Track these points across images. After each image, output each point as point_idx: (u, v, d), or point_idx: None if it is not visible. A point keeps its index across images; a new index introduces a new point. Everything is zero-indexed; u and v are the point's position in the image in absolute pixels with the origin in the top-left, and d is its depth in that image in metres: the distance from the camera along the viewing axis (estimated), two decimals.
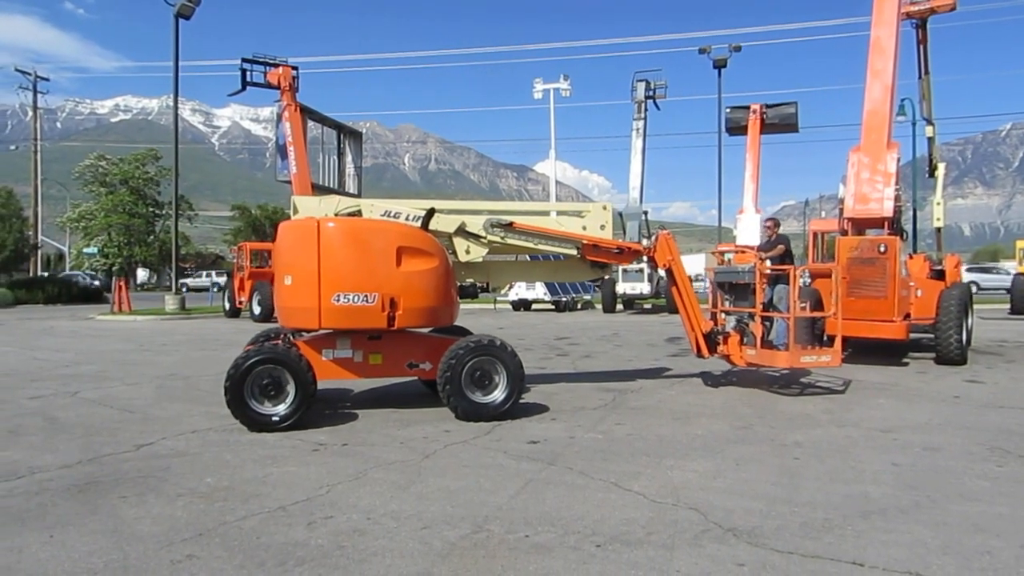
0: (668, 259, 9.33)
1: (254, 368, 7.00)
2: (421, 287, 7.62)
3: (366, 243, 7.57)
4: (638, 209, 32.18)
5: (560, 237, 8.91)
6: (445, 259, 7.99)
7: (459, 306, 8.67)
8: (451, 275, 8.16)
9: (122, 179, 51.41)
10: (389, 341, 7.82)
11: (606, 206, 9.38)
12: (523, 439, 6.56)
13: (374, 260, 7.49)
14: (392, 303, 7.45)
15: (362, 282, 7.40)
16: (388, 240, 7.61)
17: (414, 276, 7.58)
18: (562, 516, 4.46)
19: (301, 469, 5.57)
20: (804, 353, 9.00)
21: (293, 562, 3.74)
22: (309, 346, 7.71)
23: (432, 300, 7.74)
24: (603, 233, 9.10)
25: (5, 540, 4.04)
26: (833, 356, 8.95)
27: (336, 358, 7.77)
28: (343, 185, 33.55)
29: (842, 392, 9.21)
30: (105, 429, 7.00)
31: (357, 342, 7.78)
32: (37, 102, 46.97)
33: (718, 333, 9.46)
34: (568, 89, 40.34)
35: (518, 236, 8.77)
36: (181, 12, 28.47)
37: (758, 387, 9.63)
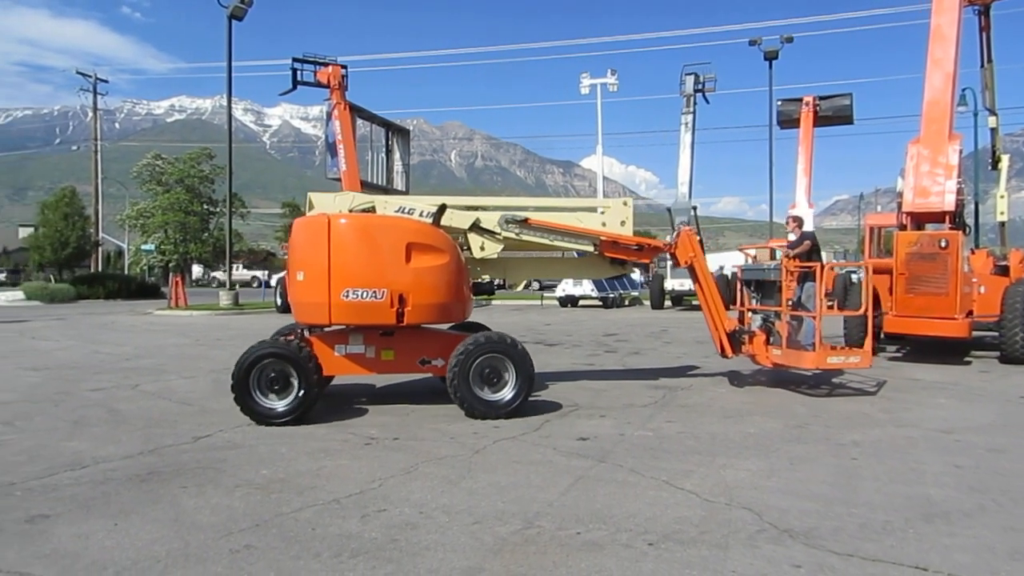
0: (690, 256, 9.05)
1: (260, 362, 7.13)
2: (431, 283, 7.58)
3: (375, 239, 7.57)
4: (687, 204, 31.89)
5: (576, 233, 8.72)
6: (456, 255, 7.93)
7: (472, 302, 8.67)
8: (463, 271, 8.09)
9: (177, 178, 52.83)
10: (402, 337, 7.81)
11: (626, 202, 9.16)
12: (572, 436, 6.54)
13: (383, 256, 7.49)
14: (401, 299, 7.43)
15: (371, 278, 7.41)
16: (398, 236, 7.58)
17: (424, 272, 7.54)
18: (613, 513, 4.43)
19: (353, 463, 5.64)
20: (832, 354, 8.70)
21: (348, 554, 3.79)
22: (322, 341, 7.78)
23: (442, 296, 7.68)
24: (623, 229, 8.87)
25: (72, 527, 4.18)
26: (863, 357, 8.64)
27: (349, 354, 7.81)
28: (391, 182, 33.86)
29: (874, 393, 8.87)
30: (164, 421, 7.20)
31: (370, 338, 7.79)
32: (97, 104, 48.47)
33: (743, 332, 9.22)
34: (615, 84, 40.06)
35: (533, 232, 8.63)
36: (234, 13, 29.06)
37: (813, 387, 9.43)
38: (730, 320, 9.14)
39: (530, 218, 8.59)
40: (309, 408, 7.16)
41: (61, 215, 55.06)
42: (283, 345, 7.30)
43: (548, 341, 15.90)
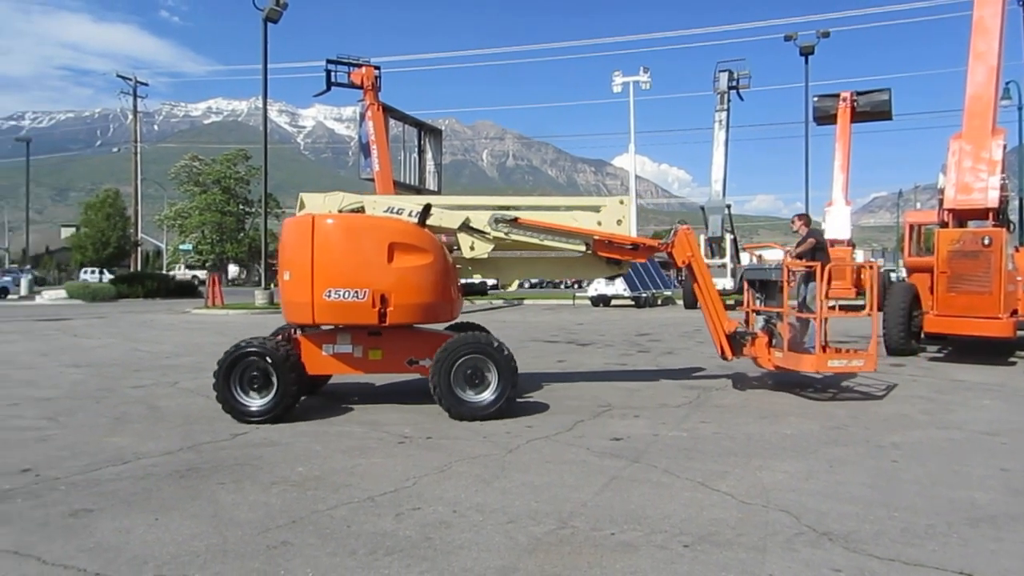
0: (688, 255, 8.75)
1: (242, 359, 7.21)
2: (414, 283, 7.56)
3: (358, 239, 7.58)
4: (721, 202, 31.63)
5: (568, 233, 8.52)
6: (441, 255, 7.90)
7: (461, 302, 8.64)
8: (450, 271, 8.06)
9: (214, 179, 53.70)
10: (389, 337, 7.79)
11: (623, 200, 8.97)
12: (606, 436, 6.51)
13: (366, 256, 7.49)
14: (383, 299, 7.43)
15: (353, 278, 7.42)
16: (380, 236, 7.58)
17: (406, 272, 7.53)
18: (648, 514, 4.39)
19: (387, 461, 5.67)
20: (832, 357, 8.42)
21: (383, 552, 3.81)
22: (310, 341, 7.81)
23: (426, 296, 7.66)
24: (619, 228, 8.70)
25: (114, 521, 4.27)
26: (867, 360, 8.27)
27: (336, 353, 7.82)
28: (423, 182, 34.08)
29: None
30: (203, 418, 7.31)
31: (357, 337, 7.79)
32: (137, 106, 49.47)
33: (744, 334, 8.90)
34: (648, 82, 39.82)
35: (523, 232, 8.46)
36: (269, 16, 29.45)
37: (849, 388, 9.27)
38: (730, 321, 8.80)
39: (520, 217, 8.48)
40: (287, 408, 7.21)
41: (103, 215, 56.36)
42: (264, 344, 7.32)
43: (580, 341, 15.86)
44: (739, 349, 8.85)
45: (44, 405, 8.05)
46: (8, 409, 7.72)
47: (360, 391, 8.95)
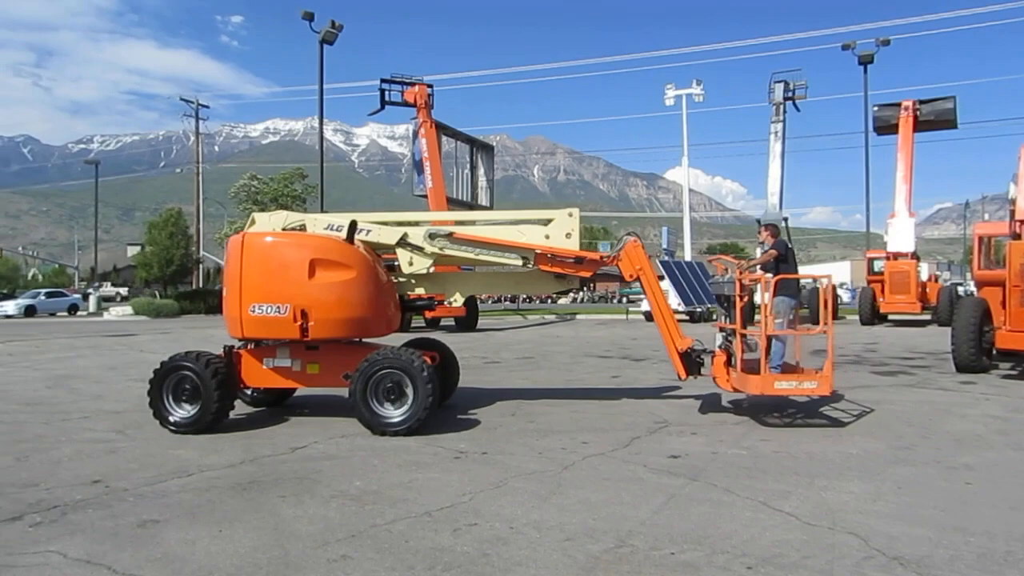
0: (636, 268, 8.39)
1: (173, 372, 7.51)
2: (335, 298, 7.62)
3: (281, 256, 7.76)
4: (777, 215, 31.14)
5: (503, 247, 8.33)
6: (367, 270, 7.90)
7: (398, 317, 8.61)
8: (378, 286, 8.05)
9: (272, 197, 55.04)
10: (326, 351, 7.91)
11: (572, 213, 8.66)
12: (663, 453, 6.41)
13: (287, 272, 7.63)
14: (304, 314, 7.53)
15: (275, 294, 7.58)
16: (302, 253, 7.71)
17: (327, 287, 7.60)
18: (708, 534, 4.30)
19: (444, 476, 5.69)
20: (779, 378, 7.68)
21: (441, 567, 3.81)
22: (251, 355, 8.03)
23: (349, 311, 7.71)
24: (568, 242, 8.43)
25: (180, 532, 4.37)
26: (821, 383, 7.53)
27: (276, 367, 7.99)
28: (476, 198, 34.38)
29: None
30: (263, 432, 7.45)
31: (295, 351, 7.93)
32: (199, 128, 51.13)
33: (700, 352, 8.36)
34: (701, 94, 39.46)
35: (459, 247, 8.39)
36: (325, 38, 30.17)
37: (921, 405, 8.96)
38: (683, 339, 8.30)
39: (455, 232, 8.44)
40: (212, 421, 7.41)
41: (167, 234, 58.23)
42: (192, 359, 7.54)
43: (635, 356, 15.70)
44: (695, 368, 8.30)
45: (113, 418, 8.32)
46: (80, 422, 7.99)
47: None
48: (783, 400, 8.82)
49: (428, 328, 26.25)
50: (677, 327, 8.38)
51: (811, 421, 7.94)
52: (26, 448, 6.73)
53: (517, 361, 14.84)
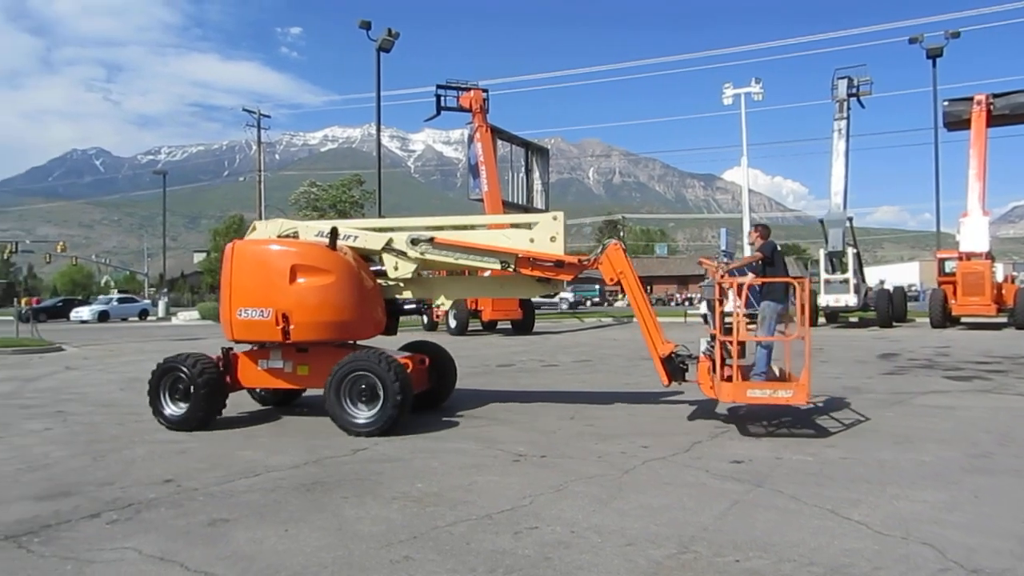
0: (617, 272, 8.22)
1: (168, 372, 7.98)
2: (314, 302, 7.89)
3: (265, 262, 8.14)
4: (841, 215, 30.23)
5: (483, 251, 8.37)
6: (347, 275, 8.09)
7: (382, 320, 8.74)
8: (359, 290, 8.21)
9: (330, 203, 56.15)
10: (315, 354, 8.14)
11: (556, 216, 8.60)
12: (725, 458, 6.29)
13: (270, 278, 7.98)
14: (285, 317, 7.81)
15: (258, 298, 7.94)
16: (283, 259, 8.05)
17: (307, 292, 7.87)
18: (774, 542, 4.20)
19: (503, 479, 5.70)
20: (753, 386, 7.36)
21: (502, 570, 3.82)
22: (247, 356, 8.41)
23: (328, 315, 7.95)
24: (553, 245, 8.35)
25: (248, 531, 4.48)
26: (796, 391, 7.12)
27: (269, 368, 8.32)
28: (531, 201, 34.37)
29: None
30: (323, 433, 7.58)
31: (287, 353, 8.23)
32: (261, 137, 52.47)
33: (683, 357, 8.09)
34: (760, 92, 38.65)
35: (440, 251, 8.48)
36: (382, 46, 30.64)
37: (998, 411, 8.60)
38: (665, 344, 8.01)
39: (436, 237, 8.53)
40: (203, 419, 7.82)
41: (230, 241, 59.96)
42: (184, 361, 7.95)
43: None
44: (678, 374, 8.01)
45: None
46: (151, 423, 8.25)
47: (439, 410, 9.05)
48: (841, 405, 8.58)
49: (485, 331, 26.39)
50: (659, 332, 8.14)
51: (879, 427, 7.69)
52: (102, 448, 7.00)
53: (574, 364, 14.79)
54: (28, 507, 5.02)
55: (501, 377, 12.72)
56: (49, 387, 11.57)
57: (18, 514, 4.86)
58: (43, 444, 7.24)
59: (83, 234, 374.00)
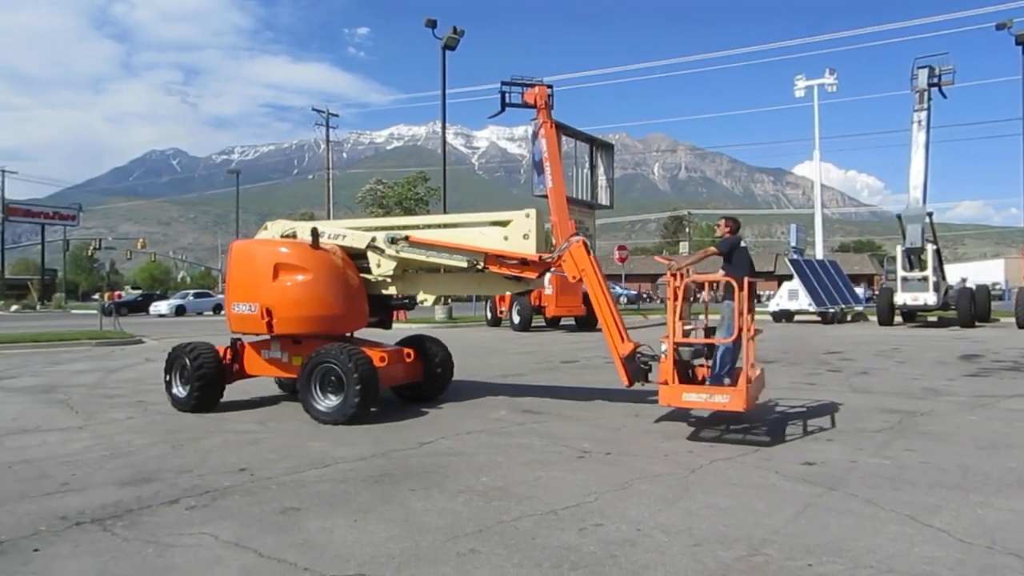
0: (580, 270, 8.07)
1: (176, 359, 8.82)
2: (294, 298, 8.43)
3: (253, 260, 8.79)
4: (920, 210, 29.20)
5: (452, 249, 8.65)
6: (325, 273, 8.59)
7: (364, 315, 9.11)
8: (338, 286, 8.69)
9: (396, 200, 57.02)
10: (307, 345, 8.55)
11: (529, 214, 8.57)
12: (796, 460, 6.13)
13: (256, 275, 8.62)
14: (268, 312, 8.41)
15: (247, 294, 8.66)
16: (268, 257, 8.67)
17: (288, 288, 8.45)
18: (849, 547, 4.07)
19: (568, 475, 5.68)
20: (689, 390, 6.97)
21: (568, 566, 3.81)
22: (253, 347, 9.10)
23: (307, 310, 8.47)
24: (526, 243, 8.35)
25: (319, 520, 4.58)
26: (733, 397, 6.70)
27: (270, 357, 8.97)
28: (595, 197, 34.16)
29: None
30: (392, 426, 7.71)
31: (284, 345, 8.86)
32: (329, 136, 53.62)
33: (648, 357, 7.75)
34: (834, 84, 37.52)
35: (414, 250, 8.82)
36: (448, 44, 30.87)
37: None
38: (626, 343, 7.70)
39: (411, 236, 8.85)
40: (198, 402, 8.57)
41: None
42: (185, 350, 8.77)
43: (762, 358, 15.10)
44: (639, 375, 7.70)
45: (255, 411, 8.84)
46: (226, 414, 8.54)
47: (504, 405, 9.05)
48: (919, 408, 8.25)
49: (548, 328, 26.37)
50: (620, 331, 7.83)
51: (961, 431, 7.37)
52: (180, 437, 7.27)
53: None
54: (112, 492, 5.25)
55: (565, 373, 12.69)
56: (130, 378, 12.08)
57: (103, 499, 5.08)
58: (125, 432, 7.55)
59: (161, 231, 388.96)
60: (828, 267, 31.96)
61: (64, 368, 13.98)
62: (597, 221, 35.64)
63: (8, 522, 4.57)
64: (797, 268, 29.74)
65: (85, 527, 4.48)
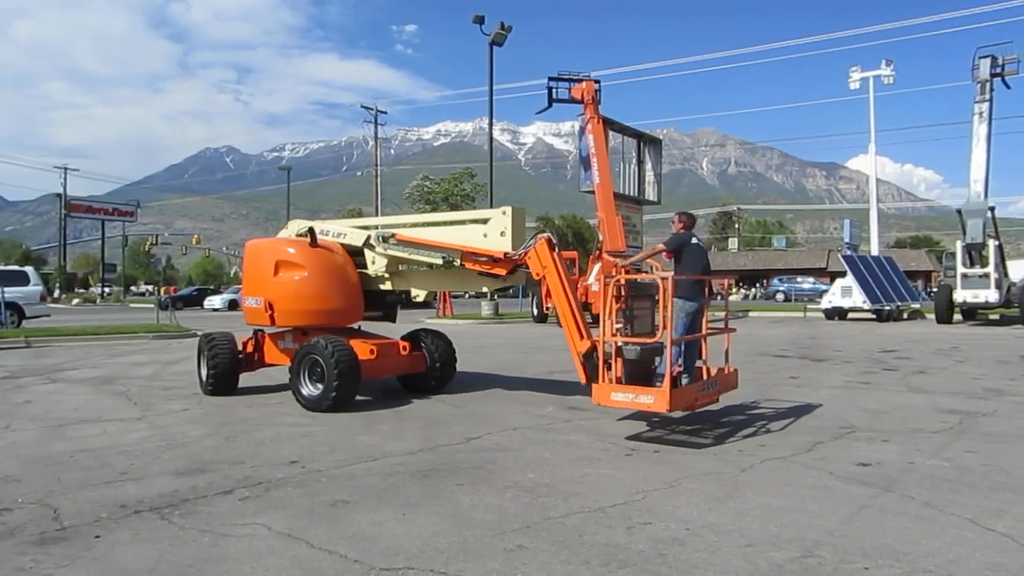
0: (543, 267, 7.88)
1: (203, 346, 9.69)
2: (291, 293, 9.15)
3: (259, 258, 9.56)
4: (982, 204, 28.29)
5: (430, 247, 8.92)
6: (320, 269, 9.17)
7: (358, 309, 9.57)
8: (331, 282, 9.23)
9: (443, 196, 57.41)
10: (312, 336, 8.96)
11: (506, 211, 8.57)
12: (850, 460, 5.99)
13: (262, 271, 9.40)
14: (270, 305, 9.20)
15: (255, 289, 9.49)
16: (271, 255, 9.41)
17: (286, 284, 9.18)
18: (906, 550, 3.96)
19: (616, 472, 5.65)
20: (617, 389, 6.78)
21: (616, 564, 3.78)
22: (270, 337, 9.86)
23: (304, 304, 9.14)
24: (501, 240, 8.38)
25: (368, 513, 4.64)
26: (657, 398, 6.47)
27: (284, 348, 9.65)
28: (643, 192, 33.82)
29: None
30: (440, 422, 7.76)
31: (295, 337, 9.48)
32: (377, 133, 54.17)
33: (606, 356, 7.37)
34: (891, 75, 36.42)
35: (398, 248, 9.19)
36: (495, 41, 30.88)
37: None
38: (585, 340, 7.43)
39: (396, 234, 9.21)
40: (215, 386, 9.41)
41: None
42: (205, 339, 9.70)
43: (815, 356, 14.83)
44: (596, 374, 7.25)
45: None
46: (277, 407, 8.71)
47: (551, 401, 9.02)
48: (980, 408, 7.98)
49: (595, 324, 26.22)
50: (580, 329, 7.58)
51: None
52: (234, 429, 7.44)
53: None
54: (169, 482, 5.40)
55: None
56: (186, 371, 12.38)
57: (161, 488, 5.23)
58: (181, 424, 7.76)
59: (215, 227, 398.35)
60: (883, 263, 31.13)
61: (123, 360, 14.43)
62: (644, 217, 35.34)
63: (71, 509, 4.73)
64: (851, 264, 29.02)
65: (144, 515, 4.62)
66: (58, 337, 19.04)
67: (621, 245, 27.72)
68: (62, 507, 4.78)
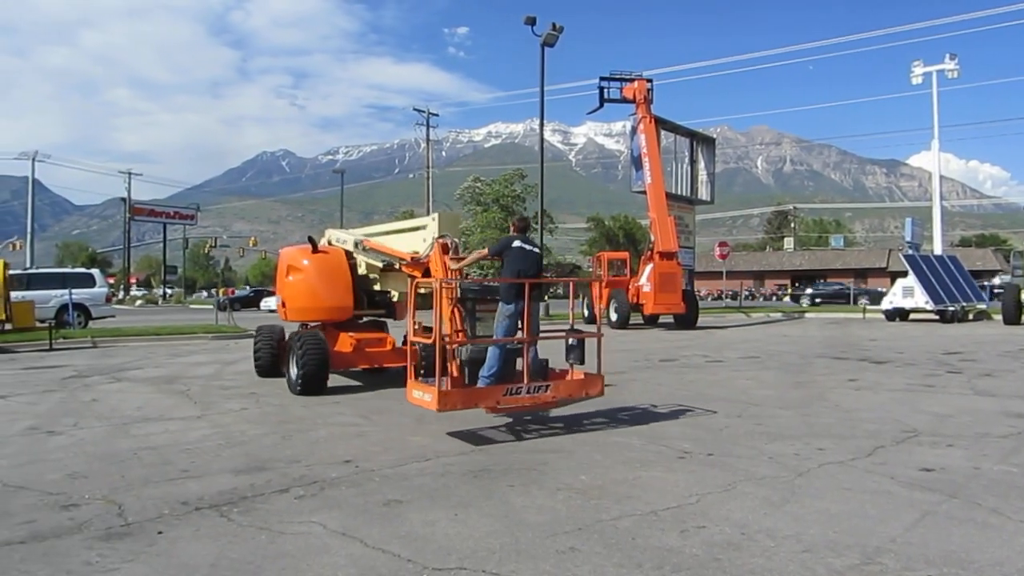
0: (435, 270, 8.22)
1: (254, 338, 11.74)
2: (295, 292, 10.86)
3: (281, 263, 11.37)
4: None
5: (380, 252, 10.21)
6: (316, 272, 10.61)
7: (348, 307, 10.58)
8: (323, 284, 10.56)
9: (494, 198, 57.57)
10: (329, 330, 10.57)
11: (434, 217, 9.47)
12: (913, 465, 5.81)
13: (281, 275, 11.22)
14: (283, 304, 11.11)
15: (278, 290, 11.61)
16: (285, 261, 11.20)
17: (291, 285, 10.91)
18: (973, 558, 3.83)
19: (669, 475, 5.58)
20: (415, 388, 6.95)
21: (669, 568, 3.74)
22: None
23: (304, 302, 10.73)
24: (424, 245, 8.95)
25: (421, 513, 4.68)
26: (434, 397, 6.54)
27: None
28: (695, 192, 33.49)
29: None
30: (490, 422, 7.76)
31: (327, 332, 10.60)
32: (429, 135, 54.67)
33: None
34: (955, 70, 35.14)
35: (365, 253, 10.48)
36: (547, 41, 30.83)
37: None
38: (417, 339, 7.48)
39: (363, 241, 10.51)
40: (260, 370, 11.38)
41: None
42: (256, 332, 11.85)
43: (875, 358, 14.41)
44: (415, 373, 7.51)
45: (358, 403, 9.14)
46: (332, 407, 8.86)
47: (621, 403, 8.95)
48: None
49: (646, 325, 26.01)
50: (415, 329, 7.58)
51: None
52: (290, 428, 7.59)
53: (741, 360, 14.24)
54: (228, 480, 5.54)
55: (664, 372, 12.47)
56: (244, 370, 12.68)
57: (220, 486, 5.36)
58: (240, 423, 7.95)
59: (271, 230, 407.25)
60: (947, 262, 30.10)
61: (184, 360, 14.85)
62: (697, 216, 34.83)
63: (135, 506, 4.89)
64: (912, 264, 28.15)
65: (204, 512, 4.74)
66: (122, 337, 19.71)
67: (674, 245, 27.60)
68: (126, 503, 4.94)
